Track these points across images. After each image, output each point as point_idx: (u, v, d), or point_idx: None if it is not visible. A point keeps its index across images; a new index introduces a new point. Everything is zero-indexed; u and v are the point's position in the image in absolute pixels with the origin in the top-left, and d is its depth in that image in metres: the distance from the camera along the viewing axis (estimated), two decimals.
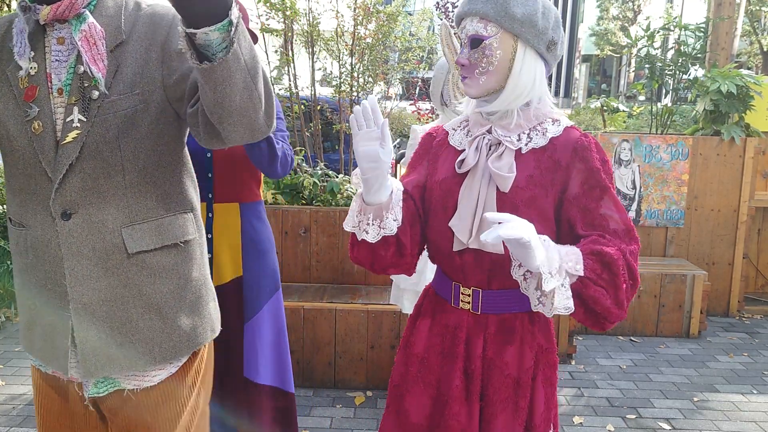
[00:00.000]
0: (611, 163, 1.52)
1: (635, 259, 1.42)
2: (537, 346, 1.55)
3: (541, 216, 1.46)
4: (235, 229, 2.46)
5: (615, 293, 1.38)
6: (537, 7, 1.44)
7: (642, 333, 4.50)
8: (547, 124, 1.50)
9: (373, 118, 1.41)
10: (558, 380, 1.63)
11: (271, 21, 4.75)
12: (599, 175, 1.45)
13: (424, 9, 5.84)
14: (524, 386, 1.52)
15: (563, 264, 1.34)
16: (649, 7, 28.30)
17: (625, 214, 1.45)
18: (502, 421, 1.51)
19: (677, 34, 5.19)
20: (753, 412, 3.44)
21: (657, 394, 3.63)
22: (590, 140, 1.48)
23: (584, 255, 1.37)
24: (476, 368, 1.53)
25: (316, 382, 3.57)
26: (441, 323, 1.60)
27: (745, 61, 23.16)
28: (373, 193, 1.46)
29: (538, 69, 1.48)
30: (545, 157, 1.47)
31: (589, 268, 1.36)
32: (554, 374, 1.58)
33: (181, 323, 1.44)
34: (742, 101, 4.75)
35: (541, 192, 1.45)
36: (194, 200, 1.52)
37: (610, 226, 1.43)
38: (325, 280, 3.94)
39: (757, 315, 4.94)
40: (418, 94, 6.41)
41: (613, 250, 1.38)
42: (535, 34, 1.44)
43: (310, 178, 4.00)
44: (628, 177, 4.82)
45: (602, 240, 1.41)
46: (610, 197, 1.45)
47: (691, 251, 4.89)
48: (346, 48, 4.85)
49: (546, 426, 1.55)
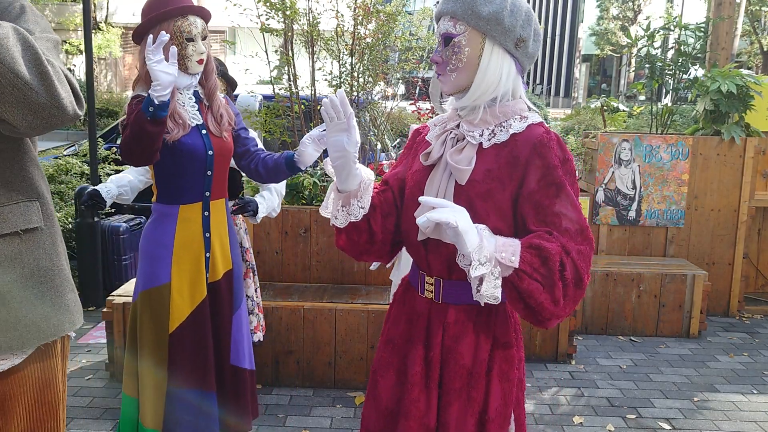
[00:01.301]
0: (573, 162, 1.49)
1: (584, 259, 1.41)
2: (493, 340, 1.56)
3: (497, 210, 1.49)
4: (223, 224, 2.53)
5: (551, 289, 1.38)
6: (504, 5, 1.47)
7: (642, 333, 4.50)
8: (513, 120, 1.51)
9: (342, 110, 1.50)
10: (561, 380, 1.63)
11: (271, 21, 4.75)
12: (556, 172, 1.45)
13: (424, 9, 5.83)
14: (477, 377, 1.54)
15: (496, 253, 1.37)
16: (649, 7, 28.29)
17: (580, 214, 1.44)
18: (455, 410, 1.55)
19: (677, 33, 5.18)
20: (753, 412, 3.44)
21: (657, 394, 3.63)
22: (552, 137, 1.48)
23: (523, 248, 1.39)
24: (435, 356, 1.57)
25: (316, 382, 3.57)
26: (409, 311, 1.66)
27: (745, 60, 23.16)
28: (343, 180, 1.56)
29: (505, 66, 1.50)
30: (505, 152, 1.49)
31: (526, 261, 1.38)
32: (512, 371, 1.56)
33: (29, 313, 1.42)
34: (742, 101, 4.75)
35: (497, 186, 1.48)
36: (42, 189, 1.51)
37: (563, 225, 1.42)
38: (325, 280, 3.94)
39: (757, 315, 4.94)
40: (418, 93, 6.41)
41: (554, 246, 1.38)
42: (502, 31, 1.47)
43: (310, 178, 4.00)
44: (628, 177, 4.82)
45: (546, 236, 1.41)
46: (566, 195, 1.44)
47: (691, 251, 4.89)
48: (346, 48, 4.84)
49: (502, 421, 1.55)
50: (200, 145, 2.39)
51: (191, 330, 2.41)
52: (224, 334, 2.53)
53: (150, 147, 2.22)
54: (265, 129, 4.80)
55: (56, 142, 10.02)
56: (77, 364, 3.76)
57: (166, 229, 2.40)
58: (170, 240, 2.40)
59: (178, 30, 2.30)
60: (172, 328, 2.39)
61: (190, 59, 2.34)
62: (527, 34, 1.49)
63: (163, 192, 2.42)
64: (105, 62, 22.57)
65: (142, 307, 2.42)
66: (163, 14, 2.28)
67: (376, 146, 5.70)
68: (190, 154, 2.37)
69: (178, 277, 2.40)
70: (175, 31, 2.29)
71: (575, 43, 35.56)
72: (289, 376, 3.57)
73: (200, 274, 2.43)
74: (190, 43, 2.33)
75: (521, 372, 1.62)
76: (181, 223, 2.41)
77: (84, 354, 3.90)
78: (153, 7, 2.31)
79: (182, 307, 2.40)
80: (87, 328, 4.29)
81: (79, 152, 5.59)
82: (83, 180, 5.23)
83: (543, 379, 3.76)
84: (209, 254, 2.46)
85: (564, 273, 1.38)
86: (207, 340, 2.45)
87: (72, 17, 21.77)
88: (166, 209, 2.42)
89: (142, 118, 2.17)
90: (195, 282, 2.43)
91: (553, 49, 38.53)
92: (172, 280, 2.39)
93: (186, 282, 2.41)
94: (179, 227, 2.40)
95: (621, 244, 4.92)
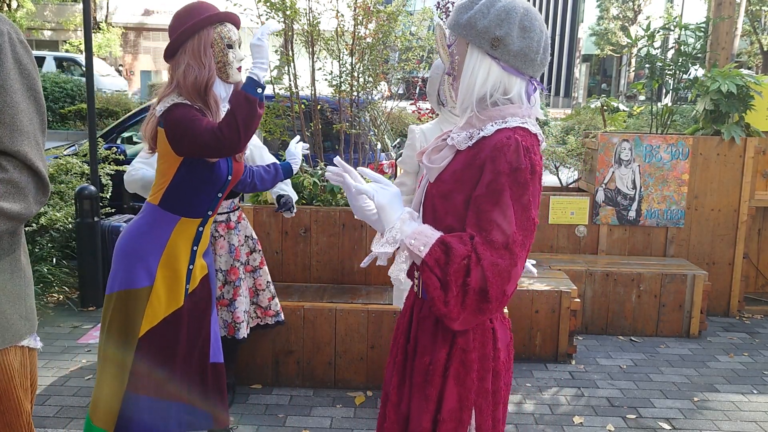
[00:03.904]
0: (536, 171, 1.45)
1: (496, 273, 1.37)
2: (452, 342, 1.55)
3: (454, 211, 1.50)
4: (208, 237, 2.57)
5: (445, 289, 1.38)
6: (479, 8, 1.51)
7: (642, 333, 4.50)
8: (492, 124, 1.51)
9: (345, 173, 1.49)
10: (561, 380, 1.63)
11: (272, 21, 4.75)
12: (500, 179, 1.42)
13: (424, 9, 5.83)
14: (433, 376, 1.55)
15: (408, 239, 1.42)
16: (650, 7, 28.30)
17: (512, 226, 1.40)
18: (414, 404, 1.59)
19: (677, 33, 5.18)
20: (753, 412, 3.44)
21: (657, 394, 3.63)
22: (510, 143, 1.43)
23: (437, 242, 1.41)
24: (410, 347, 1.64)
25: (316, 382, 3.57)
26: (407, 304, 1.73)
27: (745, 60, 23.17)
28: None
29: (483, 68, 1.51)
30: (471, 155, 1.51)
31: (433, 255, 1.39)
32: (470, 377, 1.54)
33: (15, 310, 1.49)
34: (743, 101, 4.75)
35: (456, 188, 1.50)
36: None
37: (491, 234, 1.39)
38: (325, 280, 3.94)
39: (758, 315, 4.94)
40: (418, 93, 6.41)
41: (463, 250, 1.38)
42: (476, 34, 1.50)
43: (310, 178, 4.00)
44: (628, 177, 4.82)
45: (465, 238, 1.41)
46: (504, 204, 1.40)
47: (692, 251, 4.89)
48: (346, 48, 4.84)
49: (456, 425, 1.54)
50: (225, 169, 2.40)
51: (160, 337, 2.39)
52: (205, 334, 2.54)
53: (254, 130, 2.21)
54: (265, 129, 4.81)
55: (56, 142, 10.02)
56: (77, 364, 3.76)
57: (158, 235, 2.37)
58: (160, 247, 2.37)
59: (219, 36, 2.29)
60: (142, 332, 2.36)
61: (231, 66, 2.33)
62: (504, 33, 1.48)
63: (169, 200, 2.38)
64: (105, 62, 22.58)
65: (115, 306, 2.37)
66: (206, 19, 2.26)
67: (376, 146, 5.70)
68: (216, 177, 2.37)
69: (161, 282, 2.38)
70: (216, 38, 2.28)
71: (575, 43, 35.56)
72: (289, 376, 3.57)
73: (180, 284, 2.42)
74: (230, 50, 2.32)
75: (494, 384, 1.58)
76: (175, 235, 2.39)
77: (84, 354, 3.90)
78: (190, 16, 2.28)
79: (157, 312, 2.38)
80: (87, 328, 4.29)
81: (79, 152, 5.59)
82: (83, 180, 5.23)
83: (543, 379, 3.76)
84: (192, 266, 2.46)
85: (467, 279, 1.37)
86: (174, 350, 2.43)
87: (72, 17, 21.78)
88: (164, 216, 2.38)
89: (253, 102, 2.13)
90: (174, 290, 2.41)
91: (553, 49, 38.52)
92: (155, 284, 2.36)
93: (165, 289, 2.39)
94: (172, 238, 2.38)
95: (621, 244, 4.92)
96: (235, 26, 2.36)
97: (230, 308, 3.09)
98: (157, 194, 2.40)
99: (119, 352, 2.37)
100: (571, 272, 4.41)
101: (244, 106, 2.14)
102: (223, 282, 3.08)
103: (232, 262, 3.08)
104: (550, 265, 4.46)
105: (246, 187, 2.75)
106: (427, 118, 6.02)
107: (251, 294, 3.21)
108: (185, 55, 2.27)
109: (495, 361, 1.58)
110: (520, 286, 4.05)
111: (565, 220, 4.87)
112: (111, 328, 2.38)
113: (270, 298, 3.28)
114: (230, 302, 3.09)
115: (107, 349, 2.40)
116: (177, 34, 2.29)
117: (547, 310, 4.00)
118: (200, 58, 2.27)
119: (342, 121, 4.96)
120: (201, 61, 2.27)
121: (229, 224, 3.09)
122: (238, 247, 3.10)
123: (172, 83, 2.31)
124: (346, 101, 4.97)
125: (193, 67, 2.26)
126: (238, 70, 2.36)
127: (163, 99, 2.31)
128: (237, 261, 3.09)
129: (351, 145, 5.16)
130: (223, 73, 2.33)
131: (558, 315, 3.99)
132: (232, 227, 3.10)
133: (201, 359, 2.55)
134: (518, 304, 3.97)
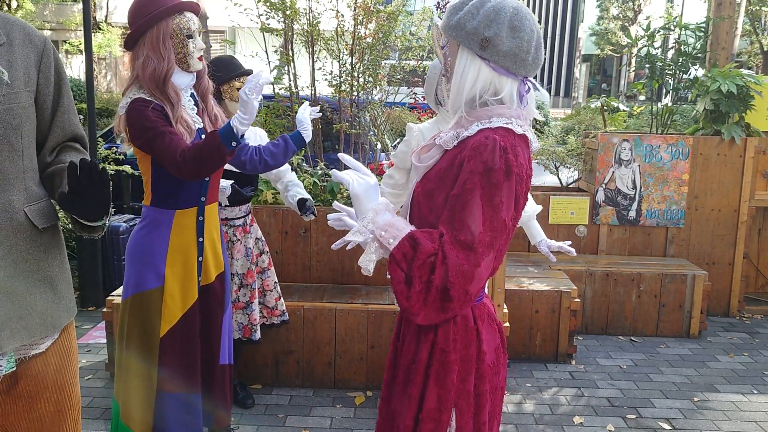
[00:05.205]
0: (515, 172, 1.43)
1: (459, 275, 1.37)
2: (433, 343, 1.55)
3: (436, 209, 1.51)
4: (216, 228, 2.53)
5: (408, 284, 1.39)
6: (469, 9, 1.51)
7: (642, 333, 4.50)
8: (477, 123, 1.51)
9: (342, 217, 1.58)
10: (561, 380, 1.63)
11: (271, 21, 4.75)
12: (473, 178, 1.41)
13: (424, 8, 5.82)
14: (414, 375, 1.56)
15: (379, 230, 1.45)
16: (650, 7, 28.29)
17: (480, 227, 1.39)
18: (398, 402, 1.61)
19: (677, 33, 5.18)
20: (753, 412, 3.44)
21: (657, 394, 3.63)
22: (487, 143, 1.42)
23: (406, 236, 1.42)
24: (399, 346, 1.66)
25: (316, 382, 3.56)
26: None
27: (746, 60, 23.17)
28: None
29: (473, 69, 1.51)
30: (454, 154, 1.51)
31: (401, 248, 1.40)
32: (449, 378, 1.53)
33: (65, 294, 1.61)
34: (743, 101, 4.75)
35: (438, 186, 1.51)
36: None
37: (460, 234, 1.39)
38: (325, 280, 3.94)
39: (758, 315, 4.94)
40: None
41: (430, 247, 1.38)
42: (465, 36, 1.50)
43: (310, 178, 3.99)
44: (628, 177, 4.82)
45: (435, 236, 1.41)
46: (474, 205, 1.39)
47: (692, 251, 4.89)
48: (346, 48, 4.84)
49: (435, 426, 1.54)
50: None
51: (182, 333, 2.39)
52: (215, 335, 2.52)
53: (214, 171, 2.27)
54: (265, 129, 4.80)
55: None
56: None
57: (159, 235, 2.36)
58: (164, 246, 2.36)
59: (178, 27, 2.27)
60: (163, 332, 2.36)
61: (191, 56, 2.31)
62: (493, 33, 1.47)
63: (158, 197, 2.36)
64: (105, 62, 22.57)
65: (131, 311, 2.37)
66: (164, 11, 2.24)
67: (376, 146, 5.70)
68: None
69: (171, 280, 2.37)
70: (175, 29, 2.27)
71: (575, 43, 35.56)
72: (289, 376, 3.57)
73: (192, 278, 2.41)
74: (190, 40, 2.30)
75: (477, 386, 1.57)
76: (175, 229, 2.37)
77: (84, 354, 3.89)
78: (147, 7, 2.26)
79: (174, 310, 2.37)
80: (87, 328, 4.29)
81: None
82: None
83: (543, 379, 3.76)
84: (201, 258, 2.44)
85: (432, 276, 1.37)
86: (195, 343, 2.43)
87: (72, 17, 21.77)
88: (160, 214, 2.37)
89: (223, 152, 2.14)
90: (187, 286, 2.40)
91: (553, 49, 38.53)
92: (166, 283, 2.35)
93: (178, 286, 2.38)
94: (174, 233, 2.37)
95: (621, 244, 4.92)
96: (195, 14, 2.33)
97: (246, 311, 3.10)
98: (147, 194, 2.40)
99: (142, 359, 2.37)
100: (571, 272, 4.41)
101: (214, 153, 2.15)
102: (239, 285, 3.09)
103: (249, 265, 3.09)
104: (550, 265, 4.46)
105: (256, 166, 2.61)
106: (427, 118, 6.01)
107: (259, 294, 3.22)
108: (144, 48, 2.25)
109: (479, 363, 1.56)
110: (520, 286, 4.05)
111: (565, 220, 4.87)
112: (130, 333, 2.38)
113: (276, 299, 3.29)
114: (246, 305, 3.10)
115: (129, 359, 2.39)
116: (136, 26, 2.27)
117: (547, 310, 4.00)
118: (159, 50, 2.25)
119: (342, 121, 4.96)
120: (160, 53, 2.25)
121: (245, 228, 3.09)
122: (253, 250, 3.11)
123: (134, 76, 2.30)
124: (346, 101, 4.96)
125: (151, 59, 2.25)
126: (199, 59, 2.34)
127: (126, 93, 2.32)
128: (253, 264, 3.11)
129: (351, 145, 5.15)
130: (184, 64, 2.31)
131: (558, 315, 3.99)
132: (248, 231, 3.10)
133: (210, 359, 2.53)
134: (518, 304, 3.97)
